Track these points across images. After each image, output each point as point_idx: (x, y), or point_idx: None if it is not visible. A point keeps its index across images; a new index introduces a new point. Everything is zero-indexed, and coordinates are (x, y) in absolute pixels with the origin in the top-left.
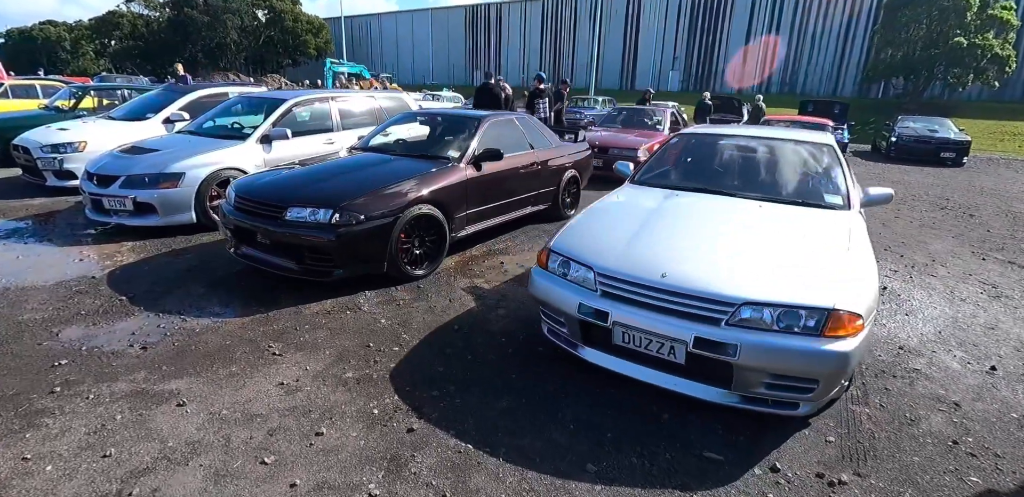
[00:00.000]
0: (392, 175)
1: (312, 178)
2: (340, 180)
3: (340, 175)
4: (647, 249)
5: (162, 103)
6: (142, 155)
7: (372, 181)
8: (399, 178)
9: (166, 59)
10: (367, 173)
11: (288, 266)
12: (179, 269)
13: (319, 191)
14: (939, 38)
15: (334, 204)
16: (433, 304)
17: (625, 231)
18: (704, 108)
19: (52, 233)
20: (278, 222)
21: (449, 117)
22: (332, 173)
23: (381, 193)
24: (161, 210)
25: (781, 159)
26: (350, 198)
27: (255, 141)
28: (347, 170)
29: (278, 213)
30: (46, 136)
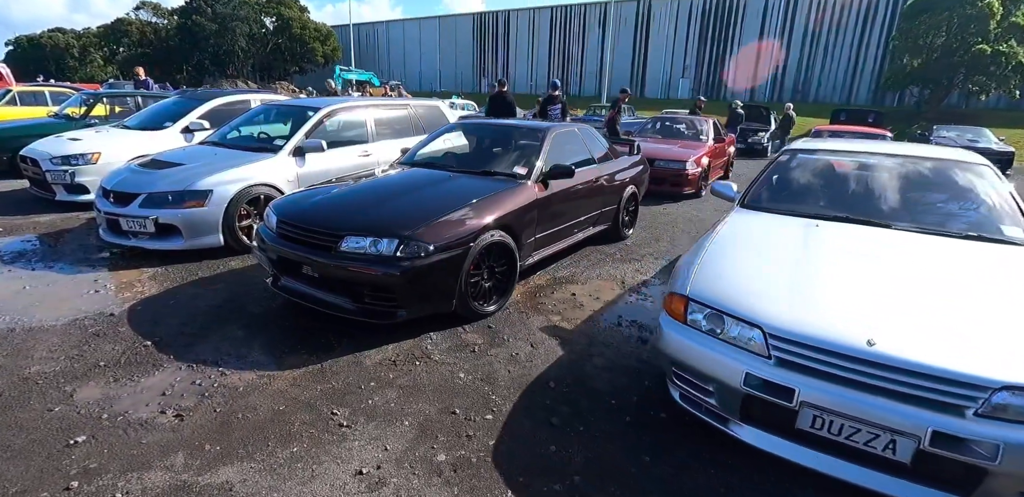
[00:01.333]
0: (456, 197)
1: (366, 200)
2: (399, 203)
3: (396, 197)
4: (825, 300)
5: (180, 111)
6: (164, 170)
7: (436, 204)
8: (464, 200)
9: (174, 66)
10: (426, 194)
11: (341, 305)
12: (210, 304)
13: (379, 217)
14: (959, 46)
15: (399, 233)
16: (514, 351)
17: (780, 273)
18: (736, 117)
19: (62, 256)
20: (331, 253)
21: (507, 129)
22: (387, 194)
23: (449, 219)
24: (186, 232)
25: (928, 181)
26: (416, 226)
27: (287, 154)
28: (403, 190)
29: (331, 242)
30: (56, 147)
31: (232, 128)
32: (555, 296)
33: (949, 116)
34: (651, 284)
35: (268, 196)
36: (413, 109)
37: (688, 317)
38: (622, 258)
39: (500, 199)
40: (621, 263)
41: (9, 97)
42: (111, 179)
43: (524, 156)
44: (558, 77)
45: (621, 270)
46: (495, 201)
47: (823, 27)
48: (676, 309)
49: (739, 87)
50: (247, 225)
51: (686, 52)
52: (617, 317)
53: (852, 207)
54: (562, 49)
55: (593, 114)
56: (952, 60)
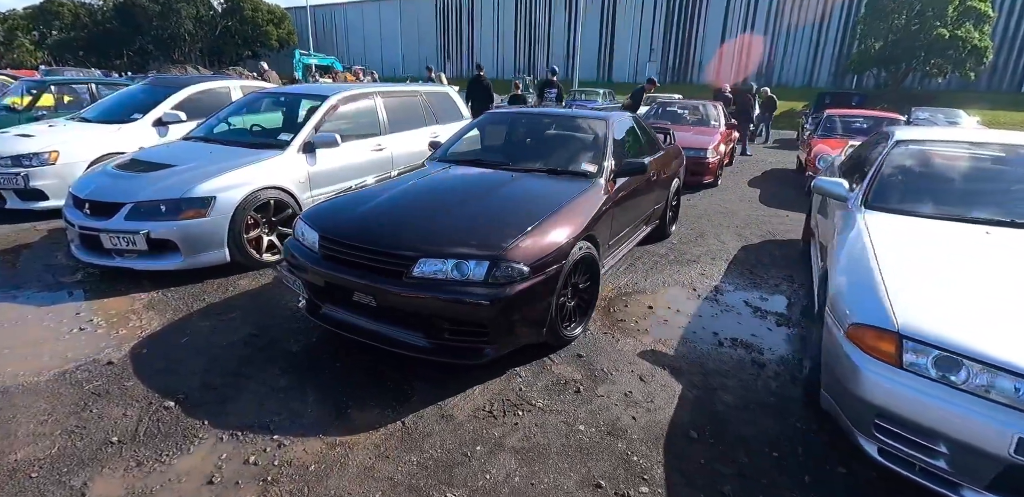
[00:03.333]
0: (532, 204)
1: (429, 211)
2: (469, 214)
3: (462, 205)
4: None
5: (149, 101)
6: (151, 173)
7: (514, 215)
8: (545, 208)
9: (112, 51)
10: (495, 201)
11: (412, 342)
12: (232, 341)
13: (456, 234)
14: (919, 29)
15: (488, 254)
16: (624, 388)
17: (1009, 300)
18: (725, 101)
19: (27, 281)
20: (401, 280)
21: (560, 119)
22: (450, 202)
23: (538, 233)
24: (184, 248)
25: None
26: (504, 244)
27: (297, 150)
28: (465, 197)
29: (401, 266)
30: (3, 145)
31: (220, 120)
32: (630, 310)
33: (907, 98)
34: (725, 290)
35: (279, 201)
36: (424, 96)
37: (904, 359)
38: (677, 259)
39: (581, 204)
40: (679, 266)
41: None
42: (84, 185)
43: (587, 151)
44: (525, 61)
45: (684, 275)
46: (577, 207)
47: (785, 11)
48: (879, 347)
49: (707, 72)
50: (255, 236)
51: (652, 36)
52: (712, 335)
53: (1011, 209)
54: (528, 33)
55: (574, 99)
56: (913, 43)
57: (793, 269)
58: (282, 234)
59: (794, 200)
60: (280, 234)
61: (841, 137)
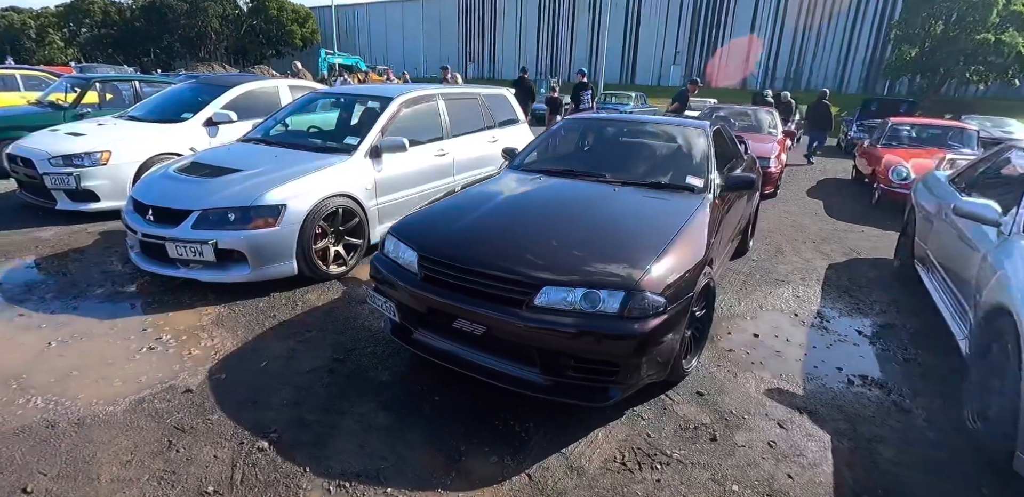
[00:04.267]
0: (649, 222)
1: (539, 228)
2: (587, 233)
3: (573, 222)
4: None
5: (198, 100)
6: (218, 178)
7: (636, 236)
8: (666, 228)
9: (140, 49)
10: (608, 218)
11: (526, 379)
12: (315, 367)
13: (584, 257)
14: (959, 35)
15: (622, 283)
16: (765, 436)
17: None
18: (766, 106)
19: (84, 291)
20: (521, 310)
21: (651, 126)
22: (558, 217)
23: (668, 258)
24: (253, 259)
25: None
26: (636, 271)
27: (364, 155)
28: (573, 212)
29: (522, 294)
30: (54, 144)
31: (276, 121)
32: (735, 338)
33: (946, 105)
34: (830, 317)
35: (347, 209)
36: (483, 99)
37: None
38: (764, 279)
39: (698, 224)
40: (769, 287)
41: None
42: (146, 189)
43: (687, 162)
44: (547, 62)
45: (778, 297)
46: (696, 228)
47: (816, 14)
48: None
49: (729, 75)
50: (323, 247)
51: (678, 38)
52: (837, 371)
53: None
54: (551, 33)
55: (604, 102)
56: (953, 49)
57: (896, 293)
58: (348, 244)
59: (861, 212)
60: (346, 244)
61: (911, 147)
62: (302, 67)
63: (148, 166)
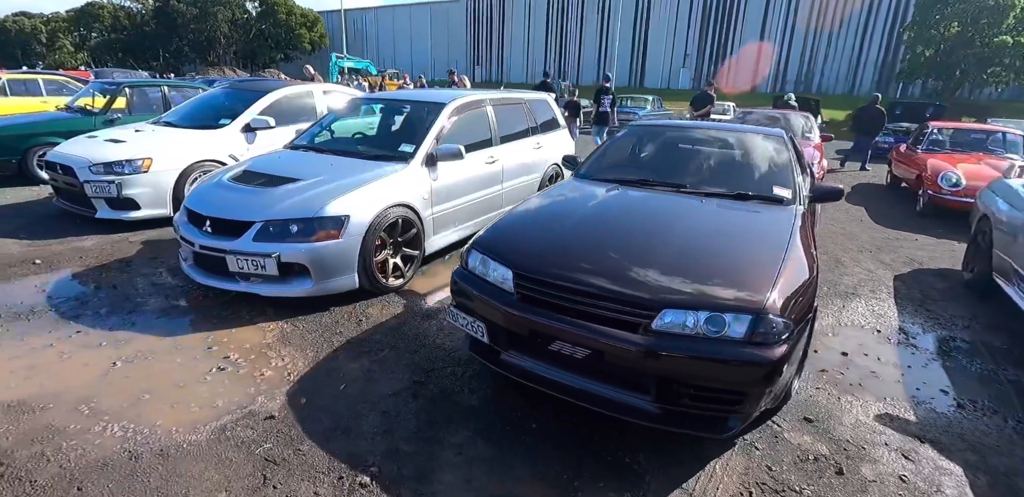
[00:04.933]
0: (753, 237)
1: (640, 243)
2: (693, 250)
3: (671, 236)
4: None
5: (233, 105)
6: (278, 188)
7: (744, 252)
8: (772, 244)
9: (149, 53)
10: (708, 233)
11: (633, 406)
12: (398, 390)
13: (700, 276)
14: (974, 37)
15: (748, 306)
16: (895, 470)
17: None
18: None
19: (138, 304)
20: (637, 333)
21: (724, 133)
22: (656, 232)
23: (788, 278)
24: (316, 273)
25: None
26: (763, 293)
27: (420, 163)
28: (668, 225)
29: (638, 316)
30: (95, 151)
31: (322, 128)
32: (824, 356)
33: (964, 107)
34: (914, 333)
35: (406, 220)
36: (527, 103)
37: None
38: (833, 291)
39: (801, 239)
40: (841, 300)
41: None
42: (202, 199)
43: (770, 171)
44: (555, 65)
45: (854, 311)
46: (801, 243)
47: (827, 17)
48: None
49: (742, 78)
50: (382, 259)
51: (687, 41)
52: (942, 393)
53: None
54: (559, 37)
55: (621, 106)
56: (969, 51)
57: (975, 307)
58: (406, 256)
59: (908, 220)
60: (404, 256)
61: (955, 152)
62: (315, 71)
63: (188, 173)
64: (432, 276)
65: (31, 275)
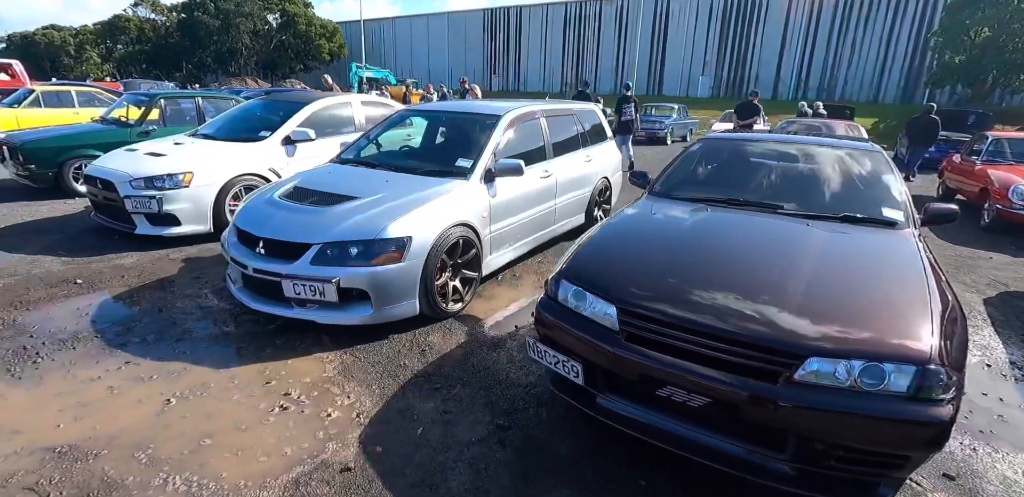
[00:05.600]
0: (884, 269)
1: (761, 275)
2: (827, 284)
3: (794, 267)
4: None
5: (272, 117)
6: (332, 207)
7: (886, 286)
8: (909, 275)
9: (172, 64)
10: (833, 263)
11: (764, 465)
12: (482, 437)
13: (845, 318)
14: (1006, 42)
15: (914, 355)
16: None
17: None
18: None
19: (186, 331)
20: (777, 385)
21: (810, 147)
22: (774, 261)
23: (939, 317)
24: (376, 299)
25: None
26: (925, 339)
27: (479, 179)
28: (783, 254)
29: (777, 364)
30: (135, 165)
31: (368, 141)
32: None
33: (1001, 116)
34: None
35: (466, 240)
36: (577, 114)
37: None
38: None
39: (933, 270)
40: None
41: (33, 98)
42: (253, 218)
43: (874, 191)
44: (572, 74)
45: None
46: (935, 274)
47: (850, 23)
48: None
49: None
50: (442, 283)
51: (706, 49)
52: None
53: None
54: (577, 46)
55: (646, 115)
56: (1000, 56)
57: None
58: (464, 278)
59: (975, 235)
60: (463, 278)
61: (1018, 163)
62: (332, 81)
63: (229, 188)
64: (488, 299)
65: (73, 296)
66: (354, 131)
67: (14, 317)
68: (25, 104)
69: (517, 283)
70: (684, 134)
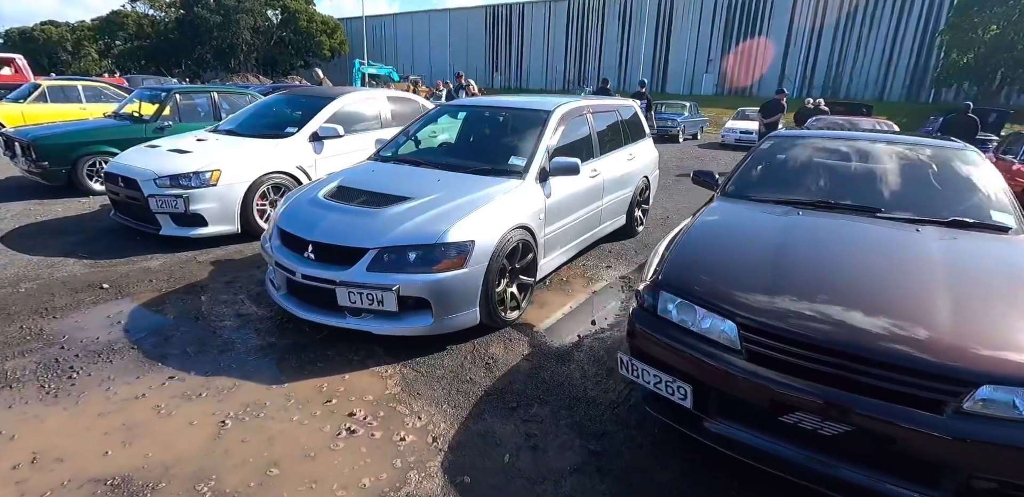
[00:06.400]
0: (1016, 278)
1: (896, 288)
2: (971, 298)
3: (925, 277)
4: None
5: (296, 113)
6: (385, 209)
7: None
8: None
9: (172, 60)
10: (970, 275)
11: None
12: (576, 464)
13: (1009, 340)
14: (1015, 40)
15: None
16: None
17: None
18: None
19: (229, 341)
20: (942, 415)
21: (902, 145)
22: (903, 271)
23: None
24: (437, 308)
25: None
26: None
27: (535, 179)
28: (910, 264)
29: (941, 393)
30: (159, 162)
31: (408, 137)
32: None
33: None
34: None
35: (525, 244)
36: (619, 110)
37: None
38: None
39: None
40: None
41: (39, 93)
42: (300, 220)
43: (974, 193)
44: (575, 71)
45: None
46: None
47: (855, 21)
48: None
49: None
50: (501, 290)
51: (710, 46)
52: None
53: None
54: (580, 42)
55: (658, 112)
56: (1009, 55)
57: None
58: (521, 284)
59: None
60: (520, 284)
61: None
62: (323, 75)
63: (257, 187)
64: (540, 306)
65: (101, 302)
66: (380, 127)
67: (41, 326)
68: (31, 99)
69: (567, 288)
70: (695, 132)
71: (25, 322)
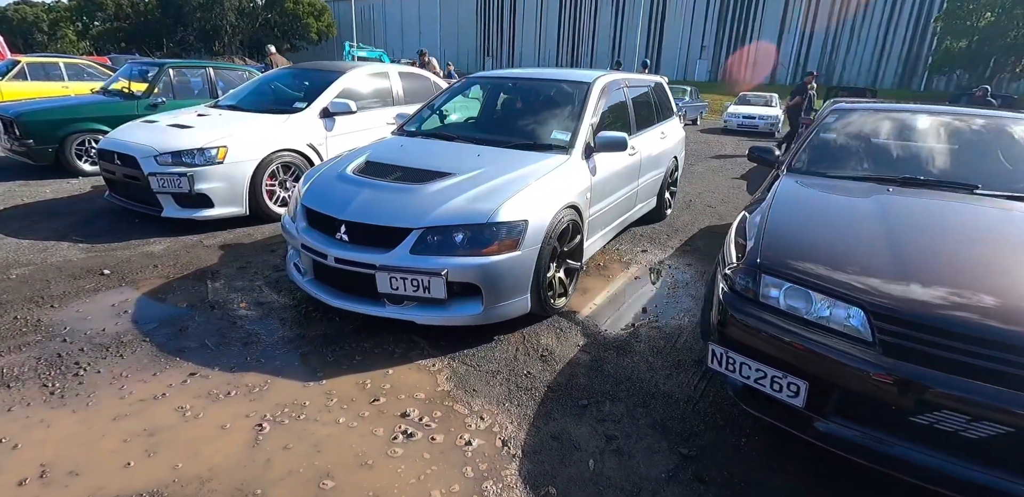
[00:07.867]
0: None
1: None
2: None
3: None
4: None
5: (303, 88)
6: (424, 185)
7: None
8: None
9: (153, 42)
10: None
11: None
12: (671, 471)
13: None
14: (1009, 27)
15: None
16: None
17: None
18: None
19: (254, 334)
20: None
21: (988, 119)
22: None
23: None
24: (488, 295)
25: None
26: None
27: (580, 156)
28: (1007, 245)
29: None
30: (160, 137)
31: (432, 111)
32: None
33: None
34: None
35: (574, 224)
36: (653, 87)
37: None
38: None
39: None
40: None
41: (18, 70)
42: (328, 198)
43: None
44: (567, 57)
45: None
46: None
47: (849, 7)
48: None
49: (759, 70)
50: (551, 276)
51: (704, 32)
52: None
53: None
54: (572, 28)
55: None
56: (1004, 42)
57: None
58: (568, 269)
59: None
60: (567, 269)
61: None
62: (274, 51)
63: (266, 165)
64: (582, 292)
65: (103, 290)
66: (392, 104)
67: (38, 317)
68: (9, 77)
69: (606, 273)
70: (695, 117)
71: (19, 312)
